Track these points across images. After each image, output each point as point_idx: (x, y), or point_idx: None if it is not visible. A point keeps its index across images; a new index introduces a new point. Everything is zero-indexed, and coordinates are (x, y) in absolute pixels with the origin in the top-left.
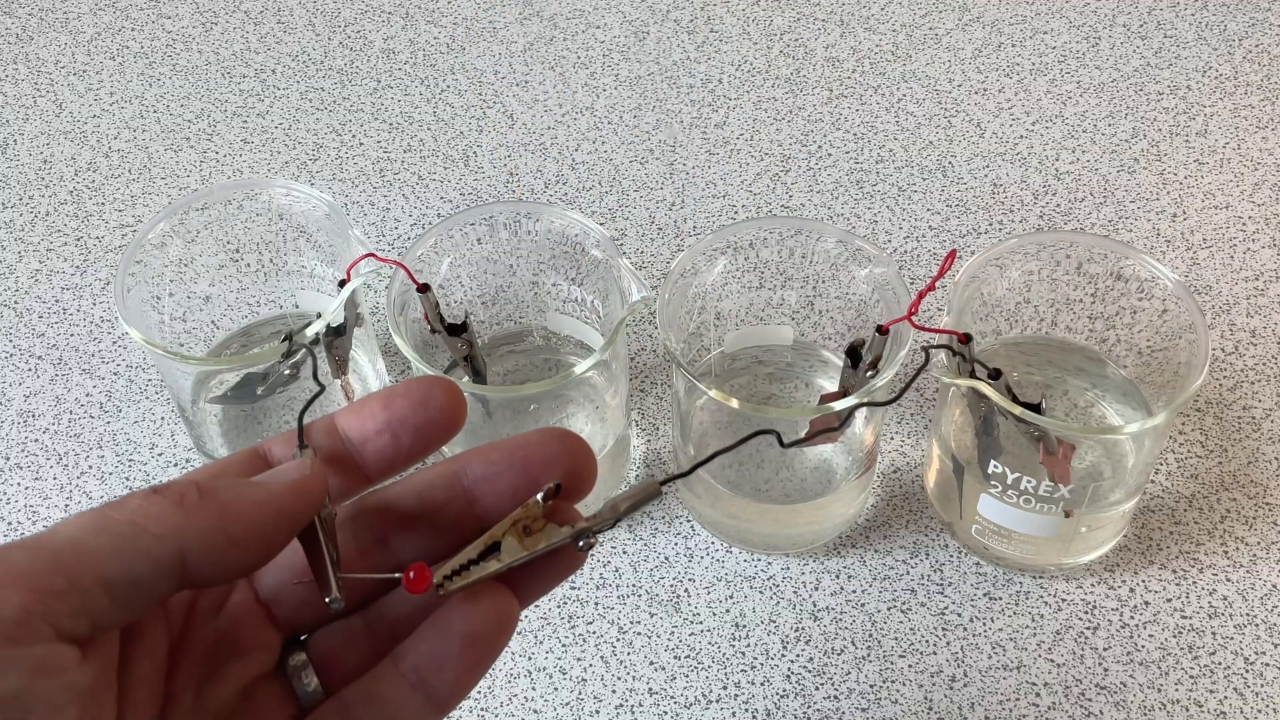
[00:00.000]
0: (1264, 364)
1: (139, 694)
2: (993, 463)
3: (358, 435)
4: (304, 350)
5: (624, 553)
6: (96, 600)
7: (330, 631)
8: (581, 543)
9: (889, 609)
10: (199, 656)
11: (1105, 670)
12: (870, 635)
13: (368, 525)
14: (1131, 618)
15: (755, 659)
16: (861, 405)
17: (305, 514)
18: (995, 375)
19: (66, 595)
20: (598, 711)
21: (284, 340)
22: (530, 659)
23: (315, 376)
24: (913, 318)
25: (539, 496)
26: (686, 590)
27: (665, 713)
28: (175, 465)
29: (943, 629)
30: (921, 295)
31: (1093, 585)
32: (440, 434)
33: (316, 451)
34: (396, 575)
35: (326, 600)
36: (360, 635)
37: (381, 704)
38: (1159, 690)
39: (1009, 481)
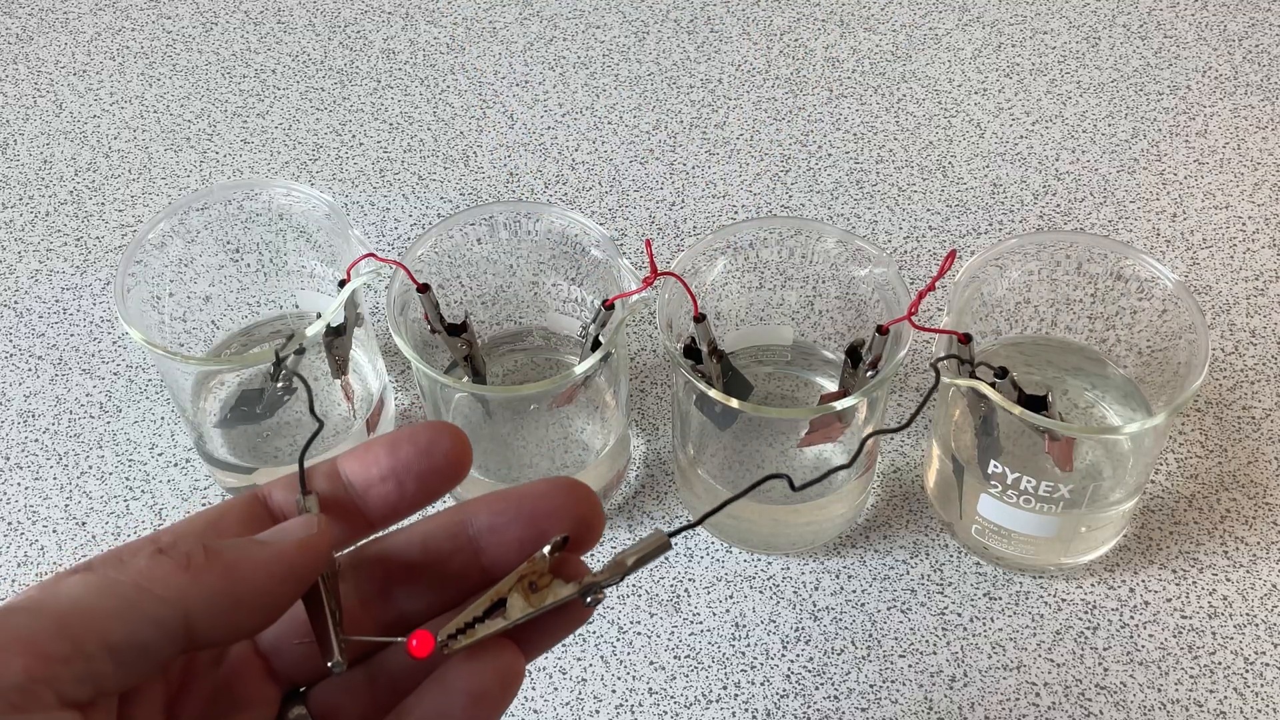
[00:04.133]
0: (1264, 364)
1: None
2: (993, 463)
3: (361, 481)
4: (293, 363)
5: None
6: (100, 665)
7: (331, 684)
8: (589, 598)
9: (889, 609)
10: (196, 711)
11: (1105, 670)
12: (870, 635)
13: (370, 576)
14: (1131, 618)
15: (755, 659)
16: (874, 435)
17: (312, 573)
18: (1002, 374)
19: (70, 661)
20: (598, 711)
21: (273, 365)
22: None
23: (312, 412)
24: (913, 318)
25: (545, 550)
26: (686, 590)
27: (665, 713)
28: (175, 465)
29: (943, 629)
30: (921, 295)
31: (1093, 585)
32: (445, 482)
33: (319, 496)
34: (401, 639)
35: (328, 665)
36: (361, 689)
37: None
38: (1159, 690)
39: (1009, 481)
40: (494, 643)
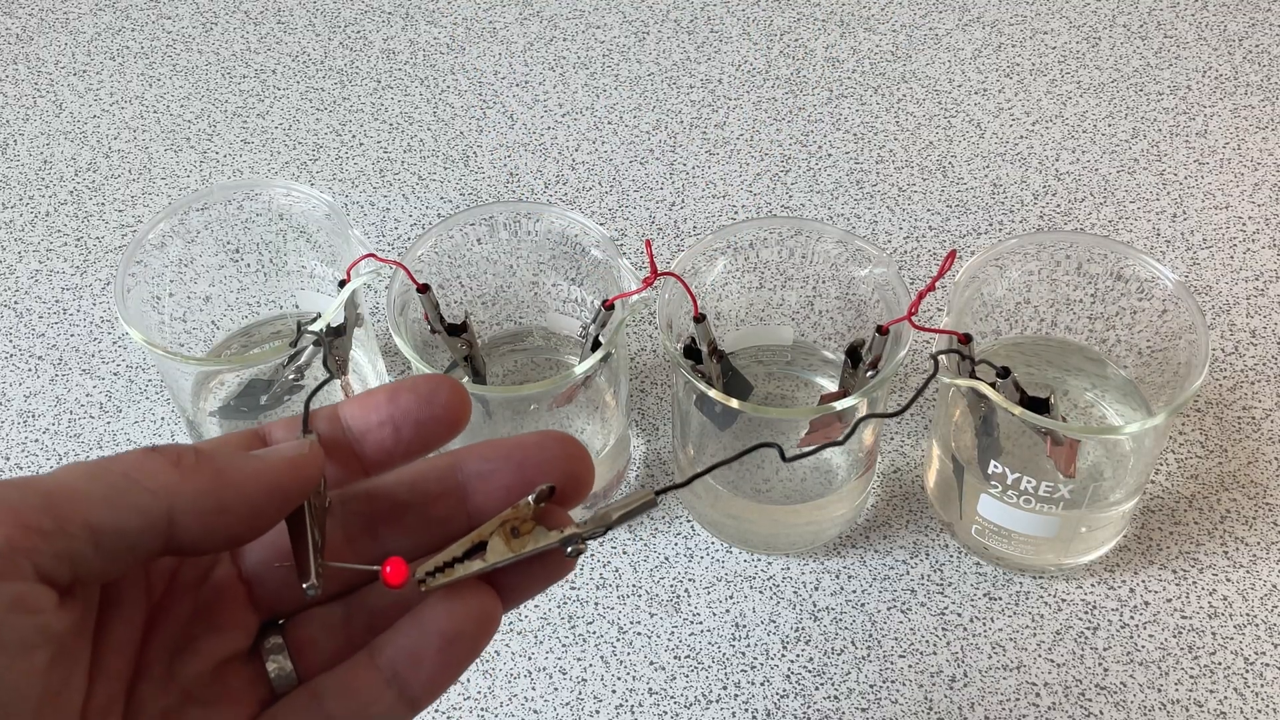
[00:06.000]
0: (1264, 364)
1: (111, 659)
2: (993, 463)
3: (359, 425)
4: (310, 348)
5: (624, 553)
6: (81, 547)
7: (308, 617)
8: (571, 549)
9: (889, 609)
10: (175, 628)
11: (1105, 670)
12: (870, 635)
13: (357, 512)
14: (1131, 618)
15: (755, 659)
16: (869, 418)
17: (299, 493)
18: (1005, 374)
19: (52, 536)
20: (598, 711)
21: (294, 333)
22: (530, 659)
23: (325, 364)
24: (913, 318)
25: (530, 498)
26: (686, 590)
27: (665, 713)
28: None
29: (943, 629)
30: (921, 295)
31: (1093, 585)
32: (442, 431)
33: (319, 436)
34: (375, 568)
35: (304, 586)
36: (339, 624)
37: (353, 696)
38: (1159, 690)
39: (1009, 481)
40: (472, 585)
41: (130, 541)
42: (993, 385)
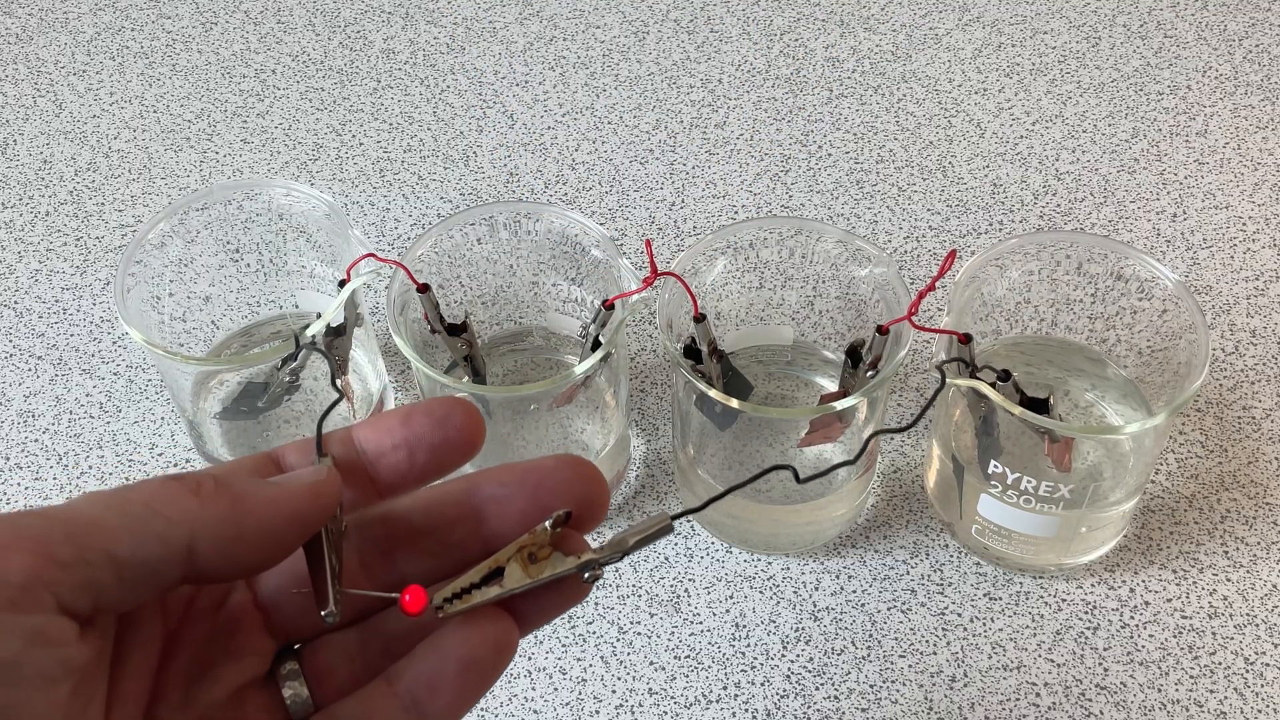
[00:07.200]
0: (1264, 364)
1: (129, 686)
2: (993, 463)
3: (374, 449)
4: (308, 350)
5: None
6: (103, 577)
7: (325, 643)
8: (587, 574)
9: (889, 609)
10: (192, 654)
11: (1105, 670)
12: (870, 635)
13: (373, 537)
14: (1131, 618)
15: (755, 659)
16: (880, 433)
17: (317, 519)
18: (1005, 377)
19: (73, 568)
20: (598, 711)
21: (293, 340)
22: (530, 659)
23: (333, 383)
24: (913, 318)
25: (547, 524)
26: (686, 590)
27: (665, 713)
28: (175, 465)
29: (943, 629)
30: (921, 295)
31: (1093, 585)
32: (457, 455)
33: (333, 459)
34: (394, 595)
35: (322, 614)
36: (355, 649)
37: None
38: (1159, 690)
39: (1009, 481)
40: (489, 611)
41: (150, 570)
42: (992, 385)
